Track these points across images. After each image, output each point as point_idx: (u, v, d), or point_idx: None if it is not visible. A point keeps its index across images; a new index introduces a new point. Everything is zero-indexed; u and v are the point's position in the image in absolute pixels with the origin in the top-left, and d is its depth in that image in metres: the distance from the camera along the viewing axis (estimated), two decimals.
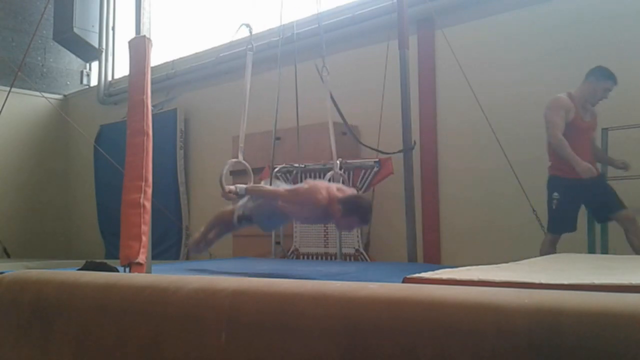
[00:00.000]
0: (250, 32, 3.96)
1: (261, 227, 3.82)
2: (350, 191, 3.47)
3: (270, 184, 3.75)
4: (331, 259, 5.21)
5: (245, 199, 3.76)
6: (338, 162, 4.36)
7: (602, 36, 4.35)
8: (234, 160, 3.66)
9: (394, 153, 4.79)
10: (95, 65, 8.99)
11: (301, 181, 5.28)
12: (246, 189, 3.48)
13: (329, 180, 4.28)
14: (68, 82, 9.18)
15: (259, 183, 3.75)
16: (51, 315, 1.91)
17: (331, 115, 4.46)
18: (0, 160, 8.02)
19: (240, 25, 4.03)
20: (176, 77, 7.24)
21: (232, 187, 3.49)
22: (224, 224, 3.96)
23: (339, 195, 3.28)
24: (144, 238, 2.83)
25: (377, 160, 4.93)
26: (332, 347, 1.31)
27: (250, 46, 3.90)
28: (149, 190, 2.94)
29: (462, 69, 4.35)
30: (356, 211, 3.13)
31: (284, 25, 4.27)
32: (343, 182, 4.45)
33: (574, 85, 4.46)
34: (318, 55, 4.46)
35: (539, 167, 4.50)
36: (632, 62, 4.21)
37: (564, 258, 2.93)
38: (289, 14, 4.37)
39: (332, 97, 4.43)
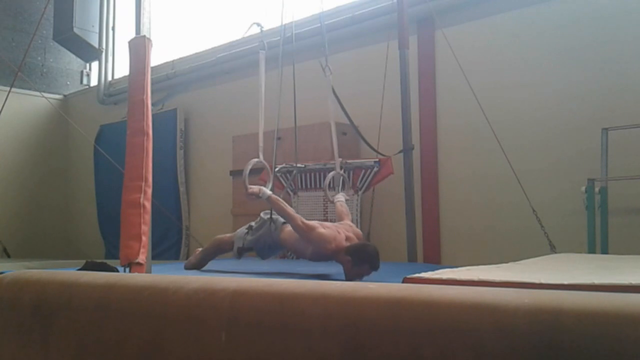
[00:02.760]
0: (262, 31, 3.98)
1: (260, 256, 3.82)
2: (354, 235, 3.44)
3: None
4: None
5: (243, 231, 3.77)
6: (339, 161, 4.37)
7: (602, 36, 4.35)
8: (256, 160, 3.65)
9: (394, 154, 4.79)
10: (95, 65, 8.98)
11: (302, 181, 5.29)
12: (269, 197, 3.46)
13: (331, 181, 4.28)
14: (68, 82, 9.18)
15: (260, 183, 3.74)
16: (51, 315, 1.91)
17: (333, 114, 4.46)
18: (0, 160, 8.02)
19: (252, 24, 4.05)
20: (176, 77, 7.24)
21: (256, 190, 3.47)
22: (221, 250, 3.99)
23: (346, 245, 3.25)
24: (144, 238, 2.84)
25: (377, 160, 4.93)
26: (332, 347, 1.31)
27: (261, 44, 3.91)
28: (149, 190, 2.94)
29: (463, 69, 4.35)
30: (366, 258, 3.09)
31: (285, 25, 4.27)
32: (344, 182, 4.46)
33: (575, 85, 4.47)
34: (319, 55, 4.46)
35: (539, 167, 4.51)
36: (632, 62, 4.21)
37: (564, 258, 2.93)
38: (290, 13, 4.36)
39: (335, 95, 4.42)
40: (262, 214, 3.79)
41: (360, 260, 3.07)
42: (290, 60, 4.18)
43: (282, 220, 3.62)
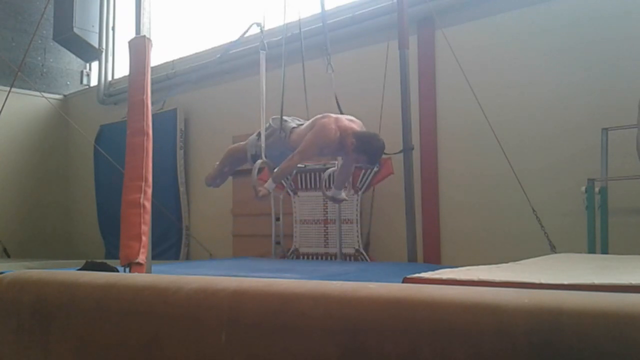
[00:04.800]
0: (262, 31, 3.99)
1: (272, 162, 3.96)
2: (357, 125, 3.58)
3: (281, 123, 3.86)
4: (331, 259, 5.21)
5: (254, 138, 3.89)
6: (335, 162, 4.39)
7: (602, 36, 4.35)
8: (260, 161, 3.73)
9: (393, 154, 4.79)
10: (95, 65, 8.98)
11: (301, 181, 5.30)
12: (273, 181, 3.60)
13: (328, 178, 4.32)
14: (68, 82, 9.18)
15: (260, 183, 3.78)
16: (51, 315, 1.91)
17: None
18: (0, 160, 8.02)
19: (251, 25, 4.07)
20: (176, 77, 7.24)
21: (265, 192, 3.60)
22: (237, 159, 4.11)
23: (354, 127, 3.38)
24: (144, 238, 2.84)
25: None
26: (332, 347, 1.31)
27: (261, 45, 3.94)
28: (149, 190, 2.94)
29: (463, 69, 4.35)
30: (368, 150, 3.20)
31: (287, 24, 4.27)
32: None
33: (575, 85, 4.47)
34: (319, 54, 4.46)
35: (539, 167, 4.51)
36: (632, 62, 4.21)
37: (564, 258, 2.93)
38: (292, 13, 4.38)
39: (336, 98, 4.44)
40: (270, 121, 3.90)
41: (363, 147, 3.17)
42: (292, 60, 4.19)
43: (291, 125, 3.83)
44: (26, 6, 8.65)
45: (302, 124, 3.79)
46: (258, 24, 4.01)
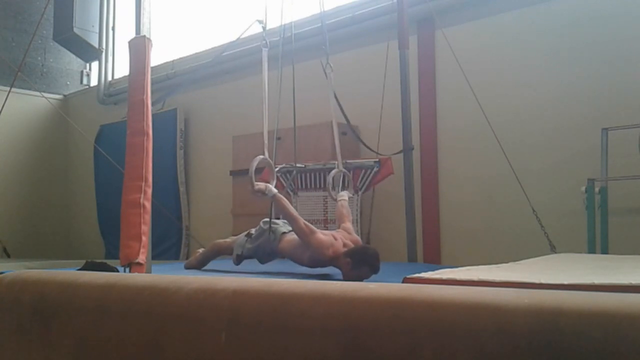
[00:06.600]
0: (264, 28, 3.97)
1: (259, 262, 3.83)
2: (352, 242, 3.43)
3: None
4: None
5: (243, 239, 3.76)
6: (340, 159, 4.37)
7: (602, 36, 4.35)
8: (261, 157, 3.63)
9: (394, 154, 4.79)
10: (95, 65, 8.98)
11: (302, 181, 5.29)
12: (274, 195, 3.45)
13: (332, 179, 4.28)
14: (68, 82, 9.18)
15: (260, 183, 3.74)
16: (51, 315, 1.91)
17: (335, 113, 4.45)
18: (0, 160, 8.02)
19: (254, 22, 4.04)
20: (176, 77, 7.24)
21: (263, 187, 3.45)
22: (220, 255, 4.02)
23: (344, 249, 3.23)
24: (144, 238, 2.84)
25: (377, 160, 4.93)
26: (332, 347, 1.31)
27: (264, 42, 3.91)
28: (149, 190, 2.94)
29: (463, 69, 4.35)
30: (365, 262, 3.08)
31: (285, 25, 4.27)
32: (347, 180, 4.45)
33: (575, 85, 4.47)
34: (319, 55, 4.46)
35: (539, 167, 4.51)
36: (632, 62, 4.21)
37: (564, 258, 2.93)
38: (290, 13, 4.37)
39: (336, 98, 4.43)
40: (261, 223, 3.78)
41: (360, 262, 3.07)
42: (290, 60, 4.18)
43: (281, 230, 3.62)
44: (26, 6, 8.65)
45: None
46: (260, 21, 3.99)
